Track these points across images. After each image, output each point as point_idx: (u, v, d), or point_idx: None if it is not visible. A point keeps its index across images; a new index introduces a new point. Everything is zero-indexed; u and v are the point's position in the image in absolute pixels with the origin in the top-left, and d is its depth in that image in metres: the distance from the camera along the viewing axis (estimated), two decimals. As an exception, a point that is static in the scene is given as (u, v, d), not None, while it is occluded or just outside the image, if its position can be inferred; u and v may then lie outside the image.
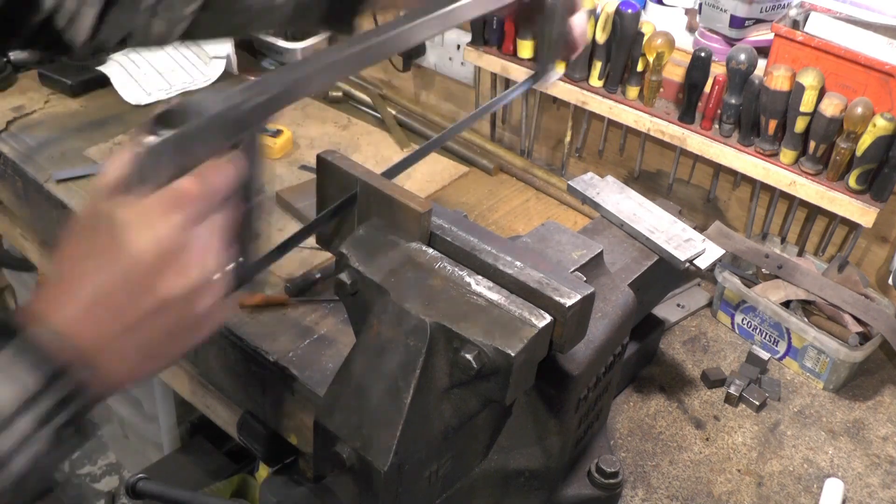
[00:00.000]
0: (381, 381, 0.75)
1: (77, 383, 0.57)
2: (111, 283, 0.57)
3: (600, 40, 1.34)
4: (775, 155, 1.26)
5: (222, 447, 2.00)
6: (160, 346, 0.61)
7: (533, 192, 1.56)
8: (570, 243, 0.93)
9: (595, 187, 1.11)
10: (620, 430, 1.10)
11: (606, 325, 0.88)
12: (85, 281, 0.58)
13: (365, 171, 0.82)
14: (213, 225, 0.60)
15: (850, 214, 1.20)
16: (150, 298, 0.58)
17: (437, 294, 0.75)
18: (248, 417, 1.22)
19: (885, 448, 1.11)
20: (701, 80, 1.28)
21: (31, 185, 1.51)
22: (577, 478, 0.96)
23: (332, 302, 1.24)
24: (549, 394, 0.84)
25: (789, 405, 1.17)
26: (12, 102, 1.71)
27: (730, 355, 1.24)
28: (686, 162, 1.40)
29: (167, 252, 0.57)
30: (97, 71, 1.76)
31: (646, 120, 1.36)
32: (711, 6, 1.38)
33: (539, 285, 0.74)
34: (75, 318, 0.57)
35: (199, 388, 1.34)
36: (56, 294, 0.59)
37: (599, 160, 1.55)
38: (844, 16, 1.21)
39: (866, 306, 1.18)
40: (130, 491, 1.13)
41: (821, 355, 1.17)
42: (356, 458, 0.74)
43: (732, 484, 1.04)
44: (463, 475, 0.85)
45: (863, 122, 1.13)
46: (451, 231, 0.80)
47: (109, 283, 0.57)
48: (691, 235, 1.05)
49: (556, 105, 1.56)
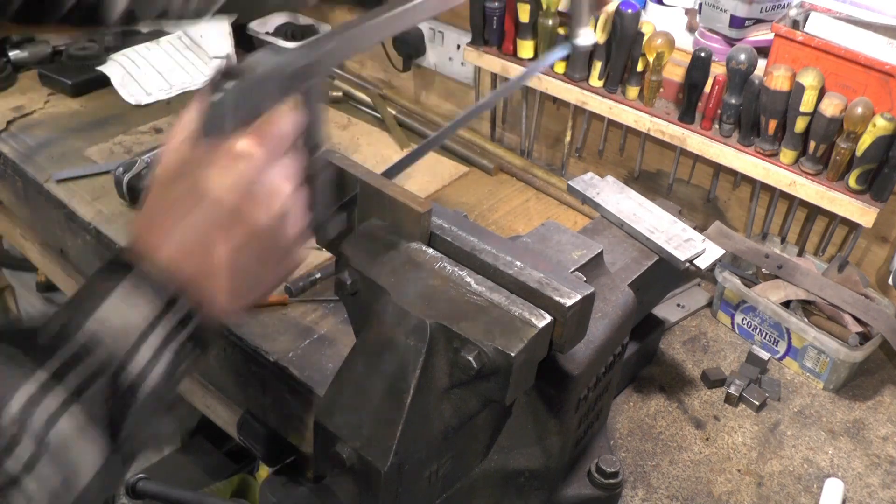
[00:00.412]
0: (381, 381, 0.75)
1: (189, 308, 0.63)
2: (202, 223, 0.62)
3: (600, 40, 1.34)
4: (775, 155, 1.26)
5: (222, 447, 2.00)
6: (255, 275, 0.67)
7: (533, 192, 1.56)
8: (570, 243, 0.93)
9: (595, 187, 1.11)
10: (620, 430, 1.10)
11: (606, 325, 0.88)
12: (177, 224, 0.63)
13: (365, 171, 0.82)
14: (285, 166, 0.66)
15: (850, 214, 1.20)
16: (239, 231, 0.63)
17: (437, 294, 0.75)
18: (248, 417, 1.22)
19: (885, 448, 1.11)
20: (701, 80, 1.28)
21: (31, 185, 1.51)
22: (577, 478, 0.96)
23: (332, 302, 1.24)
24: (549, 394, 0.84)
25: (789, 405, 1.17)
26: (12, 102, 1.71)
27: (730, 355, 1.24)
28: (686, 162, 1.40)
29: (247, 189, 0.63)
30: (97, 71, 1.76)
31: (646, 120, 1.36)
32: (711, 6, 1.38)
33: (539, 285, 0.74)
34: (174, 258, 0.62)
35: (199, 388, 1.34)
36: (153, 238, 0.63)
37: (599, 160, 1.55)
38: (844, 16, 1.21)
39: (866, 306, 1.18)
40: (130, 491, 1.13)
41: (821, 355, 1.17)
42: (356, 458, 0.74)
43: (732, 484, 1.04)
44: (463, 475, 0.85)
45: (863, 122, 1.13)
46: (451, 231, 0.80)
47: (200, 224, 0.63)
48: (691, 235, 1.05)
49: (556, 105, 1.56)
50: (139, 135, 1.64)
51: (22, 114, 1.67)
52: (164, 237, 0.63)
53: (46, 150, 1.57)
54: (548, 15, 1.39)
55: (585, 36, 1.10)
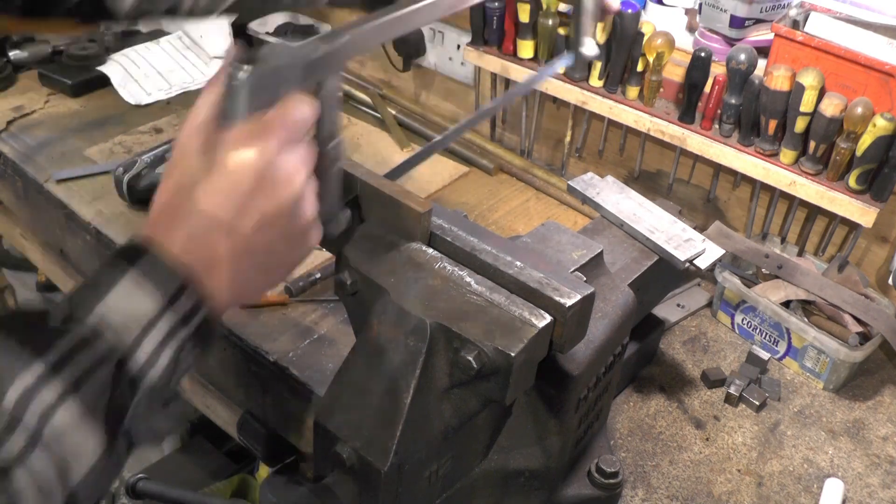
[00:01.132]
0: (381, 381, 0.75)
1: (195, 301, 0.62)
2: (218, 205, 0.62)
3: (600, 40, 1.34)
4: (775, 155, 1.26)
5: (222, 447, 2.00)
6: (270, 258, 0.67)
7: (533, 192, 1.56)
8: (570, 243, 0.93)
9: (595, 187, 1.11)
10: (620, 430, 1.10)
11: (606, 325, 0.88)
12: (193, 208, 0.63)
13: (365, 172, 0.82)
14: (298, 153, 0.66)
15: (850, 214, 1.20)
16: (255, 213, 0.63)
17: (437, 294, 0.75)
18: (248, 417, 1.22)
19: (885, 448, 1.11)
20: (701, 80, 1.28)
21: (31, 185, 1.51)
22: (577, 478, 0.96)
23: (332, 302, 1.24)
24: (549, 394, 0.84)
25: (789, 405, 1.17)
26: (12, 102, 1.71)
27: (730, 355, 1.24)
28: (686, 162, 1.40)
29: (261, 173, 0.63)
30: (97, 71, 1.76)
31: (646, 120, 1.36)
32: (711, 6, 1.38)
33: (539, 285, 0.74)
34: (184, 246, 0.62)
35: (199, 388, 1.34)
36: (167, 223, 0.63)
37: (599, 160, 1.55)
38: (844, 16, 1.21)
39: (866, 306, 1.18)
40: (130, 491, 1.13)
41: (821, 355, 1.17)
42: (356, 458, 0.74)
43: (732, 484, 1.04)
44: (463, 475, 0.85)
45: (863, 122, 1.13)
46: (451, 231, 0.80)
47: (217, 206, 0.62)
48: (691, 235, 1.05)
49: (556, 105, 1.56)
50: (139, 135, 1.64)
51: (22, 114, 1.67)
52: (175, 224, 0.63)
53: (46, 150, 1.57)
54: (548, 15, 1.39)
55: (589, 47, 1.08)
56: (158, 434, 0.64)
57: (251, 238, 0.64)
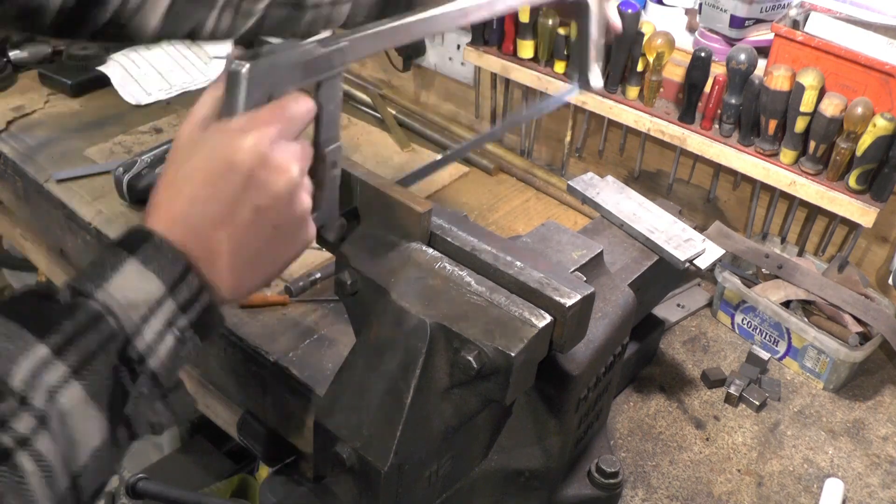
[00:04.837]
0: (381, 381, 0.75)
1: (196, 288, 0.63)
2: (217, 193, 0.63)
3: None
4: (775, 155, 1.26)
5: (222, 447, 2.00)
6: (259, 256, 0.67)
7: (533, 192, 1.56)
8: (570, 243, 0.93)
9: (595, 187, 1.11)
10: (620, 430, 1.10)
11: (606, 325, 0.88)
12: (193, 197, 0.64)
13: (365, 172, 0.82)
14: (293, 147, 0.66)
15: (850, 214, 1.20)
16: (249, 204, 0.64)
17: (437, 294, 0.75)
18: (248, 417, 1.22)
19: (885, 448, 1.11)
20: (701, 80, 1.28)
21: (31, 185, 1.51)
22: (577, 478, 0.96)
23: (332, 302, 1.24)
24: (549, 394, 0.84)
25: (789, 405, 1.17)
26: (12, 102, 1.71)
27: (730, 355, 1.24)
28: (686, 162, 1.40)
29: (261, 159, 0.63)
30: (97, 71, 1.76)
31: (646, 120, 1.36)
32: (711, 6, 1.38)
33: (539, 285, 0.74)
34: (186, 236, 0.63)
35: (199, 388, 1.34)
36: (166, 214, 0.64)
37: (599, 160, 1.55)
38: (844, 16, 1.21)
39: (866, 306, 1.18)
40: (130, 491, 1.13)
41: (821, 355, 1.17)
42: (356, 458, 0.74)
43: (732, 484, 1.04)
44: (463, 475, 0.85)
45: (863, 122, 1.13)
46: (451, 231, 0.80)
47: (216, 194, 0.63)
48: (691, 235, 1.05)
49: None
50: (139, 135, 1.64)
51: (22, 114, 1.67)
52: (173, 215, 0.64)
53: (46, 150, 1.56)
54: (548, 15, 1.39)
55: (595, 77, 1.07)
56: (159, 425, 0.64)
57: (246, 230, 0.65)
